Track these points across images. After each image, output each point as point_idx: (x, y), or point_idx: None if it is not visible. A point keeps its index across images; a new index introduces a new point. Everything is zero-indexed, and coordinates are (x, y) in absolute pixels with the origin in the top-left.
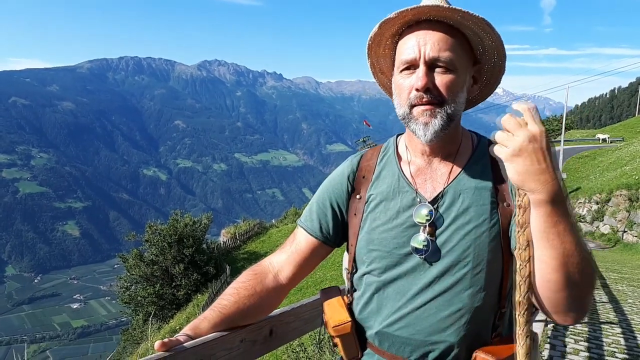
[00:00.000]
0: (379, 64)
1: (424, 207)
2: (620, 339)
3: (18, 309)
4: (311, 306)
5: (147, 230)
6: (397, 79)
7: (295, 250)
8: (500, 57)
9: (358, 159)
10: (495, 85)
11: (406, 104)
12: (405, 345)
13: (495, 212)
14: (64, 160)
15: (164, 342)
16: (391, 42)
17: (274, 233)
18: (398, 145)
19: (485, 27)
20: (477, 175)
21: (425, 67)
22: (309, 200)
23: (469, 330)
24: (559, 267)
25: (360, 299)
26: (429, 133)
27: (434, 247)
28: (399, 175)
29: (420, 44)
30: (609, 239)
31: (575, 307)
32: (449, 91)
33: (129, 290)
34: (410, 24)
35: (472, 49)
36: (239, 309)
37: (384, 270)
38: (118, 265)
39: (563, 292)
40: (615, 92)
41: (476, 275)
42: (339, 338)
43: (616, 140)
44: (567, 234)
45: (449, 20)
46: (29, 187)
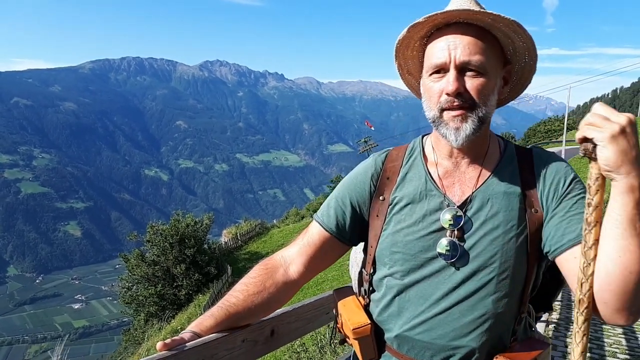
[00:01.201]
0: (406, 65)
1: (452, 211)
2: (621, 339)
3: (20, 309)
4: (312, 306)
5: (148, 230)
6: (427, 82)
7: (308, 243)
8: (532, 57)
9: (383, 159)
10: (526, 85)
11: (436, 108)
12: (425, 349)
13: (524, 218)
14: (66, 160)
15: (165, 342)
16: (419, 45)
17: (275, 233)
18: (424, 146)
19: (516, 29)
20: (506, 180)
21: (456, 71)
22: (311, 200)
23: (490, 335)
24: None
25: (380, 302)
26: (460, 138)
27: (462, 251)
28: (426, 178)
29: (450, 48)
30: None
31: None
32: (480, 95)
33: (130, 291)
34: (439, 26)
35: (502, 50)
36: (247, 307)
37: (406, 273)
38: (119, 265)
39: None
40: (618, 92)
41: (502, 281)
42: (357, 340)
43: None
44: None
45: (480, 23)
46: (31, 187)
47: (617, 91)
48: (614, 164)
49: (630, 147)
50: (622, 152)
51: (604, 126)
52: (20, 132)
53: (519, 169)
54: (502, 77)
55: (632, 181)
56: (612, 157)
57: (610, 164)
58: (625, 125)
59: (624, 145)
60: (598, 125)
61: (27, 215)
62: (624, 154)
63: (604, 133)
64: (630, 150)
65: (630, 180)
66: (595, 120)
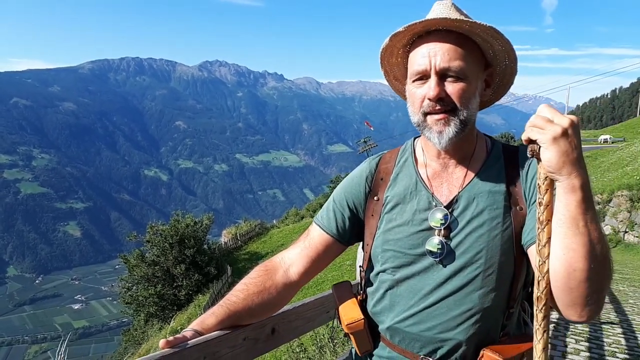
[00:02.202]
0: (392, 72)
1: (439, 211)
2: (621, 339)
3: (19, 310)
4: (312, 305)
5: (148, 230)
6: (410, 88)
7: (308, 245)
8: (512, 59)
9: (376, 161)
10: (508, 87)
11: (420, 112)
12: (415, 340)
13: (509, 215)
14: (65, 160)
15: (168, 340)
16: (403, 52)
17: (275, 233)
18: (415, 148)
19: (493, 34)
20: (491, 179)
21: (437, 77)
22: (310, 200)
23: (478, 329)
24: (588, 255)
25: (374, 295)
26: (444, 141)
27: (448, 249)
28: (416, 179)
29: (430, 55)
30: (610, 240)
31: (594, 300)
32: (460, 99)
33: (130, 291)
34: (420, 34)
35: (483, 53)
36: (247, 306)
37: (397, 269)
38: (119, 265)
39: (587, 282)
40: (617, 92)
41: (487, 276)
42: (352, 334)
43: (618, 140)
44: (595, 222)
45: (458, 30)
46: (30, 187)
47: (616, 91)
48: (556, 165)
49: (571, 149)
50: (564, 153)
51: (546, 128)
52: (20, 133)
53: (504, 168)
54: (484, 80)
55: (573, 182)
56: (553, 159)
57: (552, 166)
58: (567, 127)
59: (566, 147)
60: (541, 127)
61: (26, 215)
62: (565, 155)
63: (546, 135)
64: (571, 151)
65: (572, 180)
66: (538, 122)
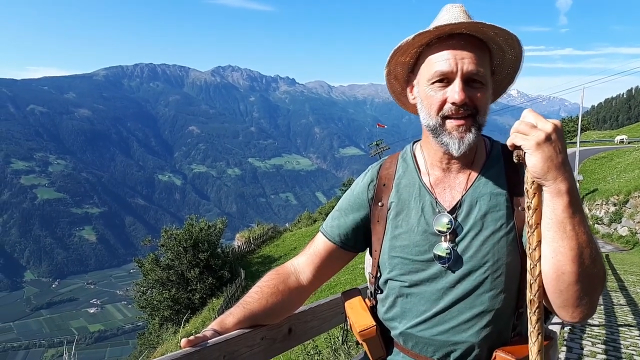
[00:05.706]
0: (395, 70)
1: (443, 217)
2: (638, 342)
3: (36, 314)
4: (328, 306)
5: (162, 235)
6: (427, 90)
7: (313, 253)
8: (515, 70)
9: (378, 168)
10: (500, 95)
11: (438, 116)
12: (428, 345)
13: (511, 216)
14: (81, 166)
15: (189, 339)
16: (416, 52)
17: (287, 237)
18: (415, 152)
19: (513, 44)
20: (492, 180)
21: (462, 81)
22: (323, 204)
23: (489, 330)
24: (576, 258)
25: (385, 302)
26: (463, 147)
27: (456, 254)
28: (419, 185)
29: (457, 58)
30: (627, 241)
31: (586, 302)
32: (481, 105)
33: (145, 295)
34: (441, 36)
35: (491, 60)
36: (263, 307)
37: (406, 276)
38: (134, 270)
39: (576, 285)
40: (633, 91)
41: (496, 278)
42: (365, 341)
43: (634, 140)
44: (583, 225)
45: (481, 35)
46: (47, 193)
47: (632, 91)
48: (541, 171)
49: (556, 154)
50: (548, 158)
51: (530, 134)
52: (36, 139)
53: (505, 168)
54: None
55: (559, 186)
56: (538, 164)
57: (537, 171)
58: (551, 132)
59: (550, 152)
60: (525, 133)
61: (43, 220)
62: (549, 160)
63: (530, 141)
64: (556, 156)
65: (558, 185)
66: (522, 128)
